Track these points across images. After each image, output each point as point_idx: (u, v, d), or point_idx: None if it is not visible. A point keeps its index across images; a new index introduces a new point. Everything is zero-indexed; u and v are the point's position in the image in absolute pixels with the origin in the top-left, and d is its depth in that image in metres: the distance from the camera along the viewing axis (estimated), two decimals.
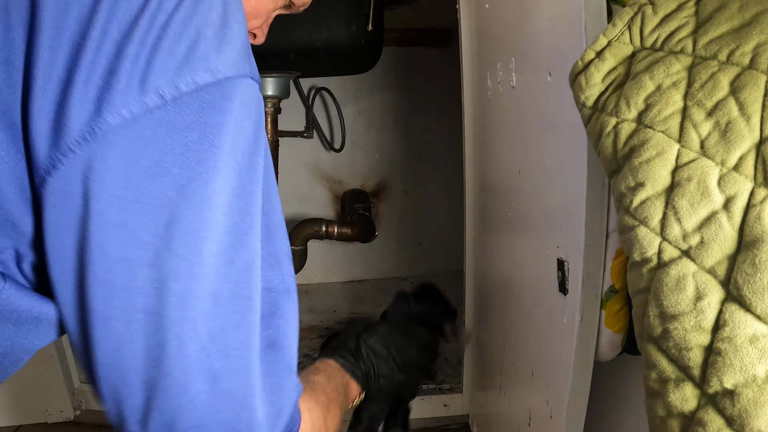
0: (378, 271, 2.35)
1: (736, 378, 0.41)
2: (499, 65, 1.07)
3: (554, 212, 0.88)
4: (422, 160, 2.30)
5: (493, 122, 1.16)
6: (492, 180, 1.20)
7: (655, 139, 0.49)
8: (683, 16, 0.53)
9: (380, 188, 2.32)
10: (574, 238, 0.81)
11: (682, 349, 0.44)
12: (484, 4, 1.14)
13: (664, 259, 0.47)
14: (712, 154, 0.46)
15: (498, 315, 1.19)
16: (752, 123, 0.44)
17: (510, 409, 1.14)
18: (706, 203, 0.45)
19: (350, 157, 2.25)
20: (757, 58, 0.46)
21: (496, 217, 1.18)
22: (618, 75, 0.56)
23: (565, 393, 0.85)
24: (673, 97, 0.49)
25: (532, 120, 0.94)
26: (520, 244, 1.05)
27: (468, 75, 1.28)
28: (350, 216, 2.21)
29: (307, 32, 1.64)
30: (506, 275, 1.14)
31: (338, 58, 1.74)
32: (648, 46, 0.55)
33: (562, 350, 0.86)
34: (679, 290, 0.45)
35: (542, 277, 0.92)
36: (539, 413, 0.97)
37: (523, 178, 1.01)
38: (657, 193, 0.48)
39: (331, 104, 2.17)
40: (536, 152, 0.94)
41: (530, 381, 1.01)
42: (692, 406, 0.44)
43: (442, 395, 1.50)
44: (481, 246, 1.32)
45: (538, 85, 0.90)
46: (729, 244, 0.43)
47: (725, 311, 0.42)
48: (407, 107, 2.25)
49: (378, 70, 1.96)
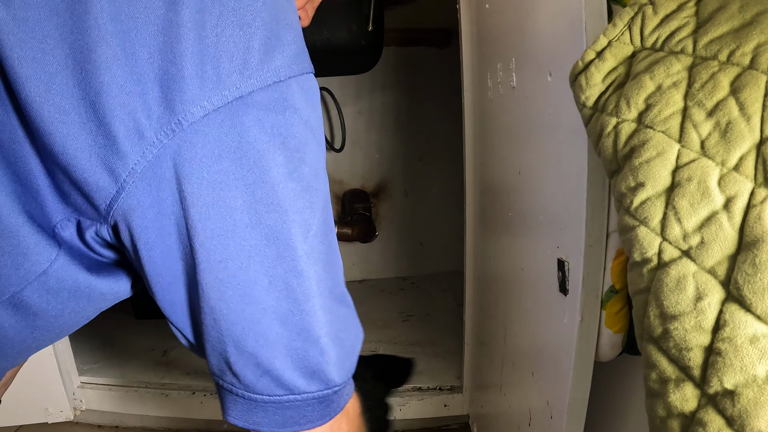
0: (378, 271, 2.35)
1: (737, 378, 0.41)
2: (499, 65, 1.07)
3: (554, 212, 0.88)
4: (423, 160, 2.30)
5: (494, 122, 1.16)
6: (492, 180, 1.20)
7: (655, 139, 0.49)
8: (683, 16, 0.53)
9: (380, 188, 2.32)
10: (574, 238, 0.81)
11: (682, 350, 0.44)
12: (484, 4, 1.14)
13: (665, 260, 0.46)
14: (713, 154, 0.46)
15: (498, 315, 1.19)
16: (752, 123, 0.44)
17: (510, 409, 1.14)
18: (706, 203, 0.45)
19: (350, 157, 2.25)
20: (757, 58, 0.46)
21: (496, 217, 1.18)
22: (618, 75, 0.56)
23: (565, 393, 0.85)
24: (674, 97, 0.49)
25: (532, 120, 0.94)
26: (520, 244, 1.05)
27: (468, 75, 1.28)
28: (350, 216, 2.21)
29: (307, 33, 1.62)
30: (506, 275, 1.14)
31: (338, 58, 1.74)
32: (648, 46, 0.55)
33: (562, 350, 0.86)
34: (679, 290, 0.45)
35: (542, 277, 0.92)
36: (539, 413, 0.97)
37: (523, 178, 1.01)
38: (657, 193, 0.48)
39: (331, 104, 2.17)
40: (536, 152, 0.94)
41: (530, 381, 1.01)
42: (692, 406, 0.44)
43: (442, 395, 1.50)
44: (481, 246, 1.32)
45: (538, 85, 0.90)
46: (729, 244, 0.43)
47: (725, 311, 0.42)
48: (407, 107, 2.25)
49: (378, 70, 1.96)
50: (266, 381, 0.47)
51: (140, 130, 0.41)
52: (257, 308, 0.45)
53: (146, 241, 0.44)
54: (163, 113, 0.41)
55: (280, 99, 0.44)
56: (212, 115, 0.42)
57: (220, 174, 0.42)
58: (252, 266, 0.44)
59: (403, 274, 2.36)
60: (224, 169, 0.42)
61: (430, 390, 1.52)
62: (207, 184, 0.42)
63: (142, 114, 0.41)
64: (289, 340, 0.47)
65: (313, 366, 0.48)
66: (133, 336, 1.83)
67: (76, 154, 0.42)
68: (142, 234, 0.44)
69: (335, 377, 0.49)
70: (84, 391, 1.56)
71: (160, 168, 0.42)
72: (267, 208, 0.44)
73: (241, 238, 0.44)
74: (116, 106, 0.41)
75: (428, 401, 1.49)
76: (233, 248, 0.44)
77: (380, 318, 1.96)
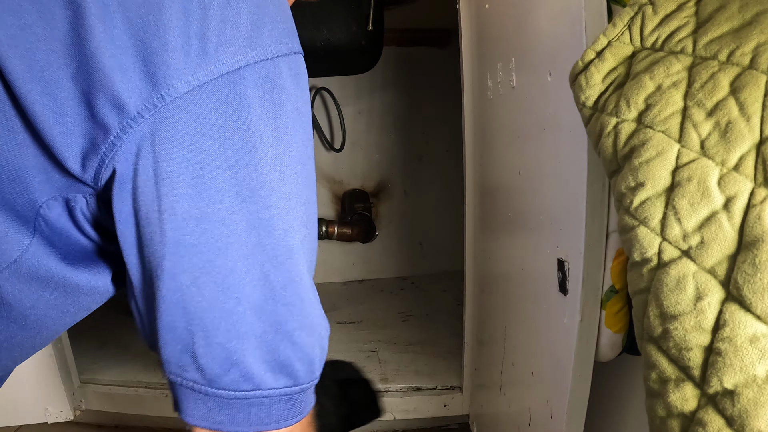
0: (378, 271, 2.35)
1: (736, 378, 0.41)
2: (499, 65, 1.07)
3: (554, 212, 0.88)
4: (422, 160, 2.30)
5: (493, 122, 1.16)
6: (492, 180, 1.20)
7: (655, 139, 0.49)
8: (683, 16, 0.53)
9: (380, 188, 2.32)
10: (574, 238, 0.81)
11: (682, 349, 0.44)
12: (484, 4, 1.14)
13: (665, 259, 0.46)
14: (713, 154, 0.46)
15: (498, 315, 1.19)
16: (752, 123, 0.44)
17: (510, 409, 1.14)
18: (706, 203, 0.45)
19: (350, 157, 2.25)
20: (757, 58, 0.46)
21: (496, 217, 1.18)
22: (618, 75, 0.56)
23: (565, 393, 0.85)
24: (674, 97, 0.49)
25: (532, 120, 0.94)
26: (520, 244, 1.05)
27: (468, 75, 1.28)
28: (350, 216, 2.21)
29: (307, 32, 1.64)
30: (506, 275, 1.14)
31: (338, 58, 1.74)
32: (648, 46, 0.55)
33: (562, 350, 0.86)
34: (679, 290, 0.45)
35: (542, 277, 0.92)
36: (539, 413, 0.97)
37: (523, 178, 1.01)
38: (657, 193, 0.48)
39: (331, 104, 2.17)
40: (536, 152, 0.94)
41: (530, 381, 1.01)
42: (692, 406, 0.44)
43: (442, 395, 1.50)
44: (481, 246, 1.32)
45: (538, 85, 0.90)
46: (729, 244, 0.43)
47: (725, 311, 0.42)
48: (407, 107, 2.25)
49: (378, 70, 1.96)
50: (234, 375, 0.45)
51: (121, 103, 0.40)
52: (232, 296, 0.43)
53: (121, 218, 0.43)
54: (145, 87, 0.40)
55: (268, 78, 0.42)
56: (197, 91, 0.40)
57: (202, 153, 0.41)
58: (230, 252, 0.42)
59: (403, 274, 2.36)
60: (206, 149, 0.41)
61: (430, 390, 1.52)
62: (187, 163, 0.41)
63: (124, 87, 0.40)
64: (262, 332, 0.44)
65: (283, 360, 0.46)
66: (133, 336, 1.82)
67: (52, 126, 0.41)
68: (117, 209, 0.42)
69: (303, 375, 0.47)
70: (84, 391, 1.56)
71: (138, 143, 0.41)
72: (250, 192, 0.42)
73: (220, 222, 0.42)
74: (98, 77, 0.40)
75: (428, 401, 1.49)
76: (210, 232, 0.42)
77: (380, 318, 1.96)
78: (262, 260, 0.43)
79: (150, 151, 0.41)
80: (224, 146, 0.41)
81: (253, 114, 0.42)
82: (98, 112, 0.40)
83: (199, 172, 0.41)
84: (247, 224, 0.42)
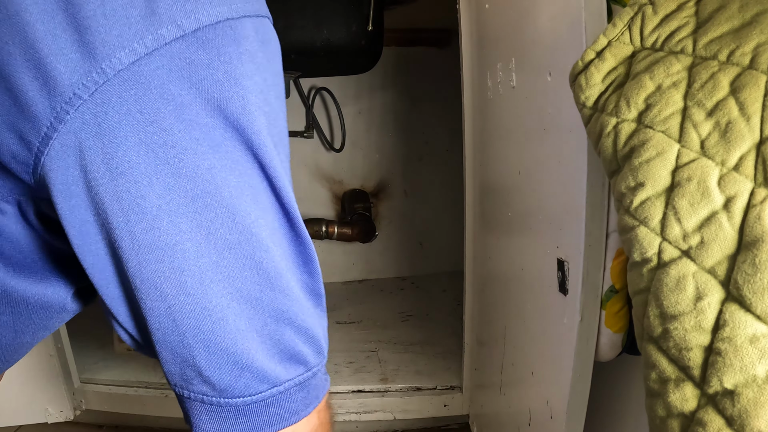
0: (378, 271, 2.35)
1: (736, 378, 0.41)
2: (499, 65, 1.07)
3: (554, 212, 0.88)
4: (422, 160, 2.30)
5: (493, 122, 1.16)
6: (492, 180, 1.20)
7: (655, 139, 0.49)
8: (683, 16, 0.53)
9: (380, 188, 2.32)
10: (574, 238, 0.81)
11: (682, 349, 0.44)
12: (484, 4, 1.14)
13: (664, 259, 0.47)
14: (713, 154, 0.46)
15: (498, 315, 1.19)
16: (752, 123, 0.44)
17: (510, 409, 1.14)
18: (706, 203, 0.45)
19: (350, 157, 2.25)
20: (757, 58, 0.46)
21: (496, 217, 1.18)
22: (618, 75, 0.56)
23: (565, 393, 0.85)
24: (673, 97, 0.49)
25: (532, 120, 0.94)
26: (520, 244, 1.05)
27: (468, 75, 1.28)
28: (350, 216, 2.21)
29: (307, 32, 1.64)
30: (506, 275, 1.14)
31: (338, 58, 1.74)
32: (648, 46, 0.55)
33: (562, 350, 0.86)
34: (679, 290, 0.45)
35: (542, 277, 0.92)
36: (539, 413, 0.97)
37: (523, 178, 1.01)
38: (657, 193, 0.48)
39: (331, 104, 2.17)
40: (536, 152, 0.94)
41: (530, 381, 1.01)
42: (692, 406, 0.44)
43: (442, 395, 1.50)
44: (481, 246, 1.32)
45: (538, 85, 0.90)
46: (729, 244, 0.43)
47: (725, 311, 0.42)
48: (407, 107, 2.25)
49: (378, 70, 1.96)
50: (246, 379, 0.40)
51: (52, 82, 0.33)
52: (224, 293, 0.38)
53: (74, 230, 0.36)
54: (80, 60, 0.32)
55: (231, 41, 0.35)
56: (144, 61, 0.33)
57: (163, 134, 0.34)
58: (215, 245, 0.37)
59: (403, 274, 2.36)
60: (167, 127, 0.34)
61: (429, 390, 1.52)
62: (147, 149, 0.34)
63: (54, 60, 0.32)
64: (262, 325, 0.40)
65: (290, 348, 0.41)
66: None
67: None
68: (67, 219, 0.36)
69: (312, 358, 0.43)
70: (84, 391, 1.56)
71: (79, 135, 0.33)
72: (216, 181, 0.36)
73: (180, 218, 0.36)
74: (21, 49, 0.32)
75: (428, 401, 1.49)
76: (180, 227, 0.36)
77: (380, 318, 1.96)
78: (251, 250, 0.38)
79: (97, 143, 0.34)
80: (185, 128, 0.34)
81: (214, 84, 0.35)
82: (23, 96, 0.33)
83: (164, 157, 0.34)
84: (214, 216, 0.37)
